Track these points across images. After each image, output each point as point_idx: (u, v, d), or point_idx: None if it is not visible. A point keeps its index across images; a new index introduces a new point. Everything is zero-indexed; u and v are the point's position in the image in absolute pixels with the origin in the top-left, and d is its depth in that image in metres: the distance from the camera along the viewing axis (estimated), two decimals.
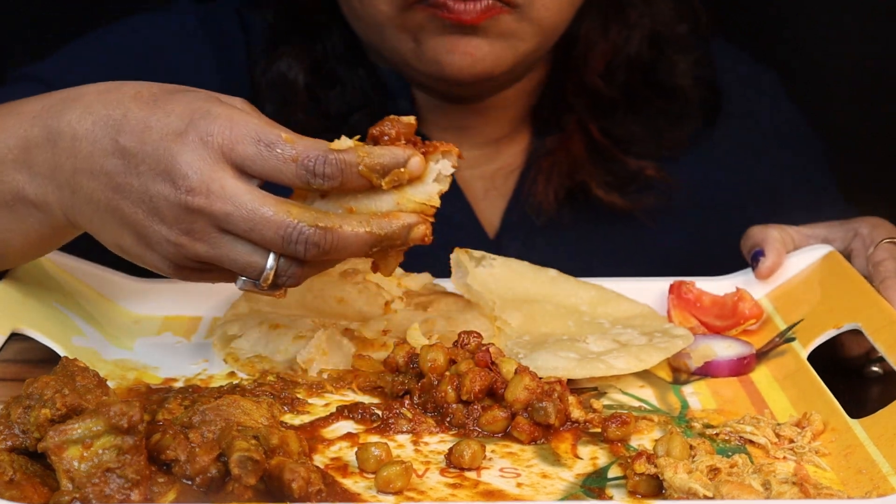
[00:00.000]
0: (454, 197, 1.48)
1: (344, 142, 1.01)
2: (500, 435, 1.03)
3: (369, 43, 1.44)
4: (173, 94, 1.03)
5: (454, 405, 1.05)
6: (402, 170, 1.02)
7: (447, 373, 1.07)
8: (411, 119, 1.04)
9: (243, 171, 1.01)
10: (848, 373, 1.22)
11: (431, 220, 1.04)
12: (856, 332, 1.19)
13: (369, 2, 1.35)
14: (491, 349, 1.08)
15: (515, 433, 1.03)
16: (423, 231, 1.04)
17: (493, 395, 1.05)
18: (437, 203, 1.04)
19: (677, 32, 1.54)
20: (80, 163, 1.03)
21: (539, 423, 1.03)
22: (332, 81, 1.47)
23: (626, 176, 1.51)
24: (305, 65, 1.46)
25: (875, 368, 1.22)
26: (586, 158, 1.51)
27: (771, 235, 1.29)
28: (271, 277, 1.02)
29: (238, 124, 1.00)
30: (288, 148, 1.00)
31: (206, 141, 1.00)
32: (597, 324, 1.21)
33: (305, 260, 1.02)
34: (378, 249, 1.03)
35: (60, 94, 1.07)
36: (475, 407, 1.04)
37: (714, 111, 1.57)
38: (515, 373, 1.05)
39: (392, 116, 1.05)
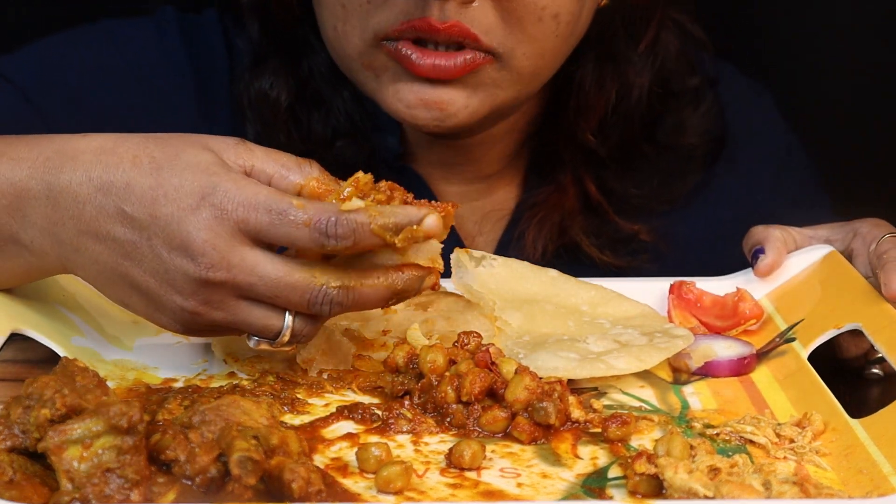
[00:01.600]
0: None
1: (354, 202, 1.02)
2: (500, 435, 1.03)
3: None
4: (173, 160, 1.03)
5: (454, 405, 1.05)
6: (416, 227, 1.02)
7: (447, 373, 1.06)
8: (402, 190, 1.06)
9: (258, 240, 1.02)
10: (848, 373, 1.22)
11: (440, 269, 1.07)
12: (854, 333, 1.19)
13: (342, 32, 1.31)
14: (491, 349, 1.08)
15: (515, 433, 1.03)
16: (433, 280, 1.07)
17: (494, 395, 1.05)
18: (441, 264, 1.07)
19: (686, 86, 1.49)
20: (83, 225, 1.04)
21: (539, 423, 1.03)
22: (316, 102, 1.43)
23: (620, 238, 1.48)
24: (289, 83, 1.42)
25: (875, 370, 1.22)
26: (579, 216, 1.47)
27: (772, 234, 1.29)
28: (288, 336, 1.04)
29: (249, 197, 1.01)
30: (300, 214, 1.00)
31: (220, 218, 1.01)
32: (597, 324, 1.21)
33: (326, 317, 1.05)
34: (394, 301, 1.06)
35: (55, 146, 1.06)
36: (475, 407, 1.04)
37: (717, 158, 1.52)
38: (515, 373, 1.05)
39: (387, 183, 1.06)
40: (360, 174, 1.05)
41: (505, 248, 1.48)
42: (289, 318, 1.04)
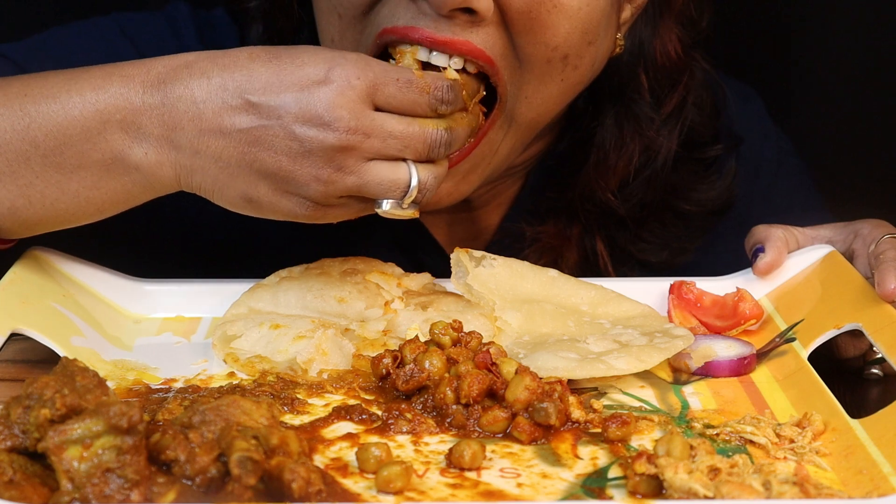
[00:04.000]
0: (429, 245, 1.45)
1: (452, 73, 1.19)
2: (500, 435, 1.03)
3: None
4: (289, 49, 1.12)
5: (454, 406, 1.05)
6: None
7: (446, 375, 1.06)
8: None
9: (379, 107, 1.11)
10: (848, 373, 1.22)
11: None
12: (853, 334, 1.19)
13: (340, 46, 1.27)
14: (492, 349, 1.08)
15: (516, 433, 1.03)
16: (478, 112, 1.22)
17: (494, 395, 1.05)
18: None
19: (709, 154, 1.46)
20: (205, 124, 1.10)
21: (539, 423, 1.02)
22: None
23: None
24: None
25: (874, 370, 1.22)
26: (575, 262, 1.44)
27: (774, 234, 1.29)
28: (417, 189, 1.12)
29: (374, 67, 1.11)
30: (421, 82, 1.12)
31: (349, 86, 1.09)
32: (597, 324, 1.21)
33: (438, 164, 1.15)
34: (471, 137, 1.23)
35: (164, 62, 1.12)
36: (475, 408, 1.04)
37: (723, 217, 1.48)
38: (516, 373, 1.05)
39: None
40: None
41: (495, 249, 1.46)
42: (414, 169, 1.13)
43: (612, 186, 1.41)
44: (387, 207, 1.14)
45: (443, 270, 1.28)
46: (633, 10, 1.34)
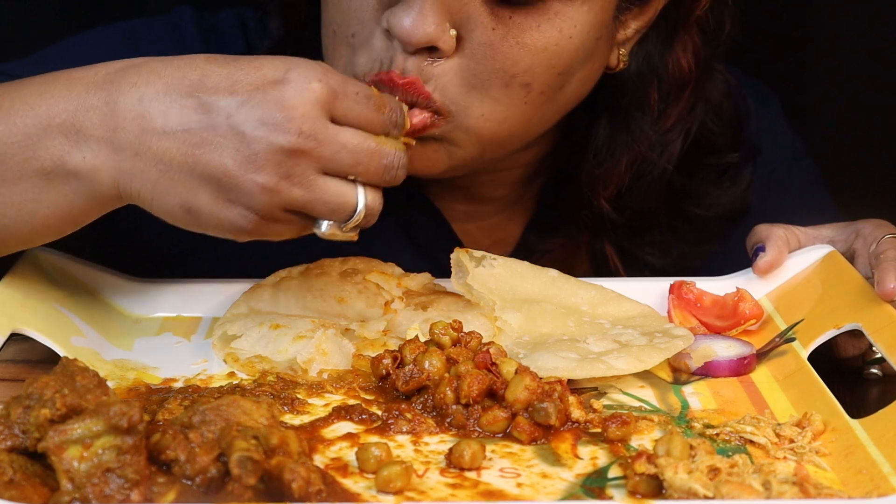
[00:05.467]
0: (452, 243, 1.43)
1: (400, 101, 1.15)
2: (500, 435, 1.03)
3: None
4: (250, 56, 1.07)
5: (453, 406, 1.05)
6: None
7: (446, 375, 1.07)
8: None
9: (335, 119, 1.05)
10: (848, 373, 1.22)
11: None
12: (852, 334, 1.19)
13: (331, 62, 1.26)
14: (492, 349, 1.08)
15: (516, 433, 1.03)
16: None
17: (494, 395, 1.05)
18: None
19: (724, 161, 1.43)
20: (149, 123, 1.04)
21: (540, 423, 1.03)
22: None
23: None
24: None
25: (873, 370, 1.22)
26: (588, 273, 1.42)
27: (774, 233, 1.28)
28: (363, 215, 1.07)
29: (334, 76, 1.06)
30: (378, 99, 1.08)
31: (311, 87, 1.04)
32: (597, 324, 1.21)
33: (396, 185, 1.09)
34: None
35: (118, 63, 1.07)
36: (475, 408, 1.04)
37: (738, 225, 1.44)
38: (516, 373, 1.05)
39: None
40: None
41: None
42: (362, 192, 1.07)
43: (605, 195, 1.38)
44: (325, 229, 1.08)
45: None
46: (637, 27, 1.30)
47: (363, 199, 1.07)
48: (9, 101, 1.08)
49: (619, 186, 1.38)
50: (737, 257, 1.33)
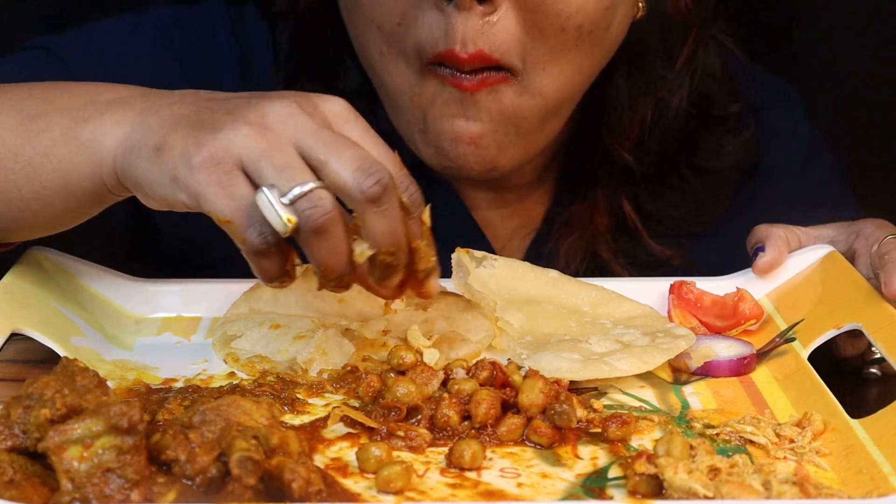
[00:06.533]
0: (476, 237, 1.46)
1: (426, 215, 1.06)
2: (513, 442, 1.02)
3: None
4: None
5: (463, 423, 1.03)
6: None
7: (444, 395, 1.05)
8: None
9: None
10: (848, 373, 1.22)
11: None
12: (852, 333, 1.19)
13: (389, 57, 1.30)
14: (507, 367, 1.07)
15: (535, 438, 1.01)
16: None
17: (504, 404, 1.04)
18: None
19: (727, 112, 1.47)
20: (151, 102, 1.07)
21: (559, 426, 1.02)
22: None
23: (650, 262, 1.47)
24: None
25: (873, 370, 1.22)
26: (610, 235, 1.46)
27: (774, 233, 1.29)
28: (298, 198, 0.97)
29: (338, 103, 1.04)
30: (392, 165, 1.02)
31: (306, 113, 1.00)
32: (599, 324, 1.21)
33: (365, 201, 0.99)
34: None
35: (123, 90, 1.11)
36: (487, 425, 1.03)
37: (749, 182, 1.51)
38: (525, 378, 1.05)
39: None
40: None
41: (533, 262, 1.46)
42: (314, 181, 0.98)
43: (627, 146, 1.43)
44: (259, 198, 0.97)
45: None
46: None
47: (312, 185, 0.98)
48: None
49: (640, 133, 1.42)
50: (737, 257, 1.33)
